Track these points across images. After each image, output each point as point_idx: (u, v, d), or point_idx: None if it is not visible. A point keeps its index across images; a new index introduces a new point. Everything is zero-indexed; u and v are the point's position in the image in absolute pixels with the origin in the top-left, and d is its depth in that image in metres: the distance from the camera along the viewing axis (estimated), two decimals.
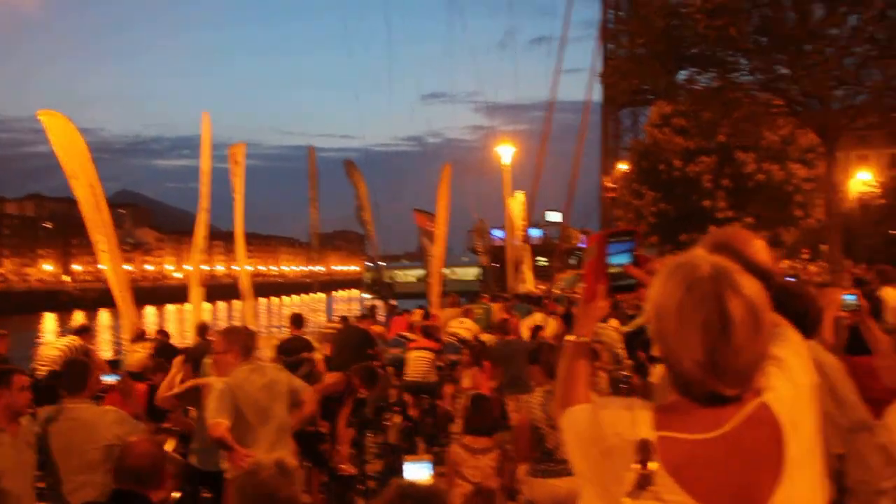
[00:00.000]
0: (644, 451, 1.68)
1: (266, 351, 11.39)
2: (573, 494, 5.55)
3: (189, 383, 6.81)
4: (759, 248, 2.37)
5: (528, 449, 5.75)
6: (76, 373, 5.53)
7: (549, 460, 5.63)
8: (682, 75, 13.79)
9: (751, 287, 1.73)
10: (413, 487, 2.45)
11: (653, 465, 1.66)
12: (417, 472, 4.59)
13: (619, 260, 2.19)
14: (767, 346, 1.75)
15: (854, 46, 12.39)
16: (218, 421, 5.42)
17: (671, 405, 1.78)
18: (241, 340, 5.99)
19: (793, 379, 1.85)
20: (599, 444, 1.78)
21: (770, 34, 12.50)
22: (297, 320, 11.38)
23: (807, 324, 3.53)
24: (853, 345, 5.36)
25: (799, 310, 3.47)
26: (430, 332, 11.73)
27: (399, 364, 11.42)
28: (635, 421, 1.74)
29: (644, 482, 1.67)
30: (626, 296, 2.21)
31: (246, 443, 5.58)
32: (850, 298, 4.91)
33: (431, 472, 4.65)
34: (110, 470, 4.35)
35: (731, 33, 11.69)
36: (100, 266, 14.27)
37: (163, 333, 12.86)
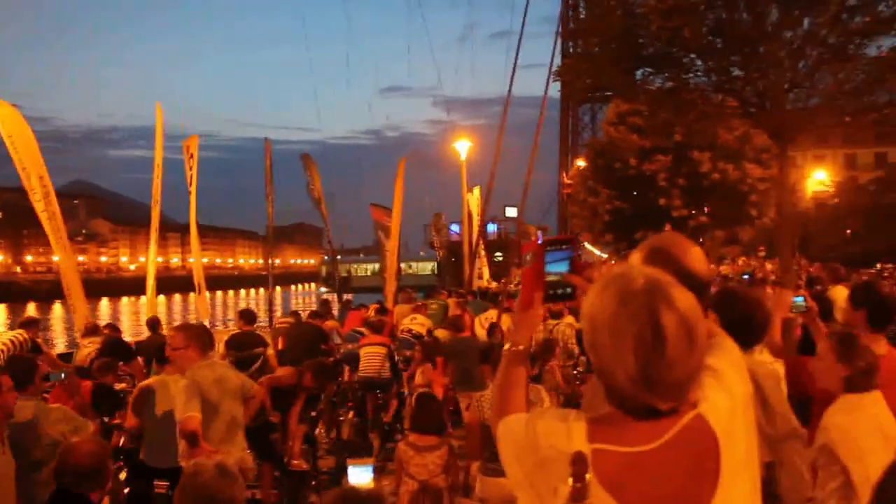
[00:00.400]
0: (578, 463, 1.67)
1: (218, 346, 11.28)
2: None
3: (140, 386, 6.79)
4: (695, 257, 2.33)
5: (479, 447, 5.78)
6: (21, 370, 5.44)
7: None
8: (639, 75, 13.88)
9: (685, 301, 1.72)
10: (354, 492, 2.46)
11: (587, 478, 1.66)
12: (360, 475, 4.60)
13: (556, 268, 2.19)
14: (702, 359, 1.74)
15: (808, 49, 12.53)
16: (192, 415, 5.44)
17: (606, 417, 1.78)
18: (201, 338, 6.00)
19: (729, 389, 1.85)
20: (534, 456, 1.78)
21: (724, 35, 12.62)
22: (248, 315, 11.20)
23: (752, 329, 3.58)
24: (806, 345, 5.46)
25: (744, 315, 3.51)
26: (376, 328, 11.70)
27: (354, 360, 11.37)
28: (570, 433, 1.74)
29: (578, 495, 1.66)
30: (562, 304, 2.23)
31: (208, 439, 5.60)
32: (798, 300, 4.99)
33: (372, 476, 4.66)
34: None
35: (685, 34, 11.79)
36: (54, 258, 14.07)
37: (112, 328, 12.60)
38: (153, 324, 12.65)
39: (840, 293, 9.70)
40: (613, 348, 1.69)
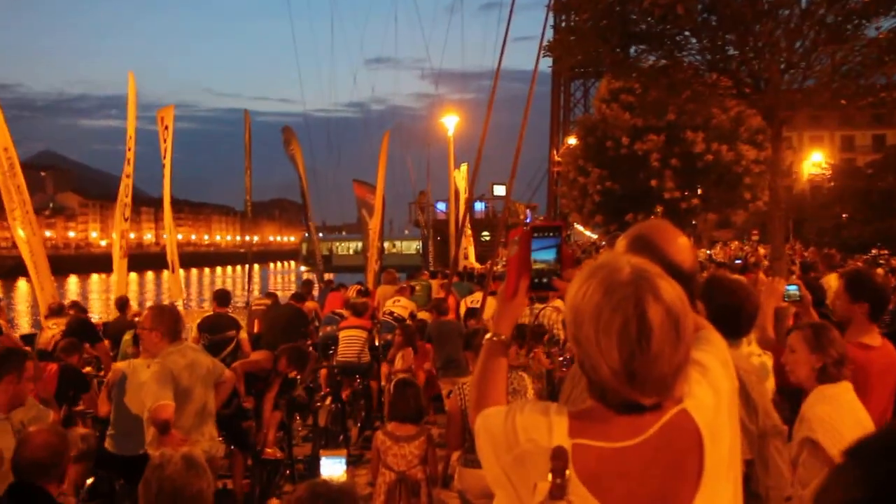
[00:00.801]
0: (559, 458, 1.66)
1: (191, 328, 11.20)
2: None
3: (114, 369, 6.77)
4: (681, 247, 2.33)
5: (459, 436, 5.77)
6: None
7: None
8: (632, 52, 13.84)
9: (672, 292, 1.70)
10: (325, 486, 2.47)
11: (567, 474, 1.65)
12: (332, 467, 4.61)
13: (543, 256, 2.17)
14: (688, 353, 1.72)
15: (805, 29, 12.51)
16: (164, 403, 5.45)
17: (588, 411, 1.77)
18: (168, 322, 5.95)
19: (714, 385, 1.84)
20: (513, 450, 1.76)
21: (719, 13, 12.60)
22: (222, 297, 11.07)
23: (740, 320, 3.58)
24: None
25: (732, 305, 3.52)
26: (359, 310, 11.60)
27: (334, 343, 11.29)
28: (551, 427, 1.72)
29: (558, 491, 1.65)
30: (546, 293, 2.23)
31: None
32: (792, 289, 5.00)
33: (346, 468, 4.67)
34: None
35: (679, 11, 11.75)
36: (20, 233, 13.82)
37: (77, 307, 12.48)
38: (122, 304, 12.54)
39: (833, 281, 9.73)
40: (597, 341, 1.68)
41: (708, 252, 41.83)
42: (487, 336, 2.22)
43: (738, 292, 3.63)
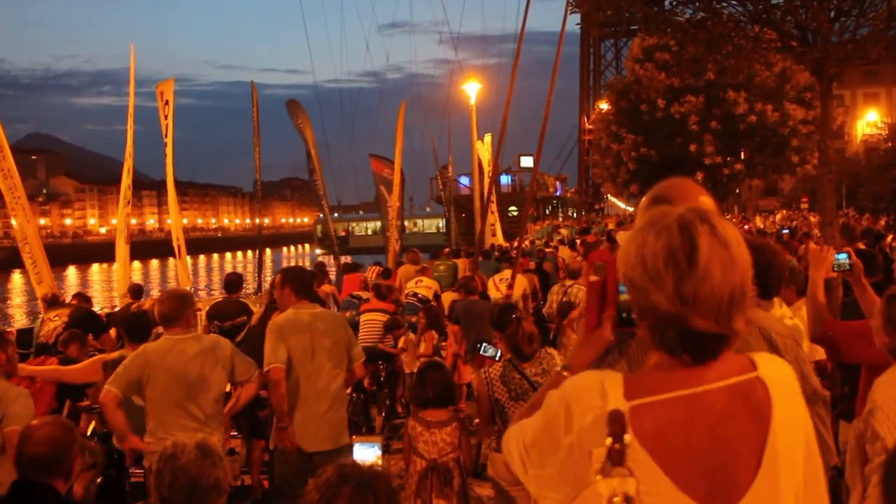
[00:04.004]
0: (616, 422, 1.67)
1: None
2: None
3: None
4: (703, 205, 2.32)
5: (489, 421, 5.80)
6: None
7: None
8: (666, 5, 13.68)
9: (720, 220, 1.77)
10: (356, 468, 2.47)
11: (627, 439, 1.66)
12: (366, 453, 4.65)
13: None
14: (744, 283, 1.75)
15: None
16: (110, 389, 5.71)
17: (646, 371, 1.82)
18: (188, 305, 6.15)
19: (788, 373, 1.87)
20: (568, 425, 1.76)
21: None
22: (232, 282, 11.16)
23: (769, 280, 3.63)
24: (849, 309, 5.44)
25: (760, 265, 3.52)
26: (382, 293, 11.61)
27: (353, 327, 11.32)
28: (605, 391, 1.73)
29: (616, 457, 1.66)
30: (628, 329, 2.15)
31: (170, 419, 5.69)
32: (842, 258, 4.95)
33: (380, 454, 4.70)
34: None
35: None
36: (12, 222, 13.87)
37: (81, 297, 12.57)
38: (136, 292, 12.68)
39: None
40: (645, 271, 1.74)
41: (751, 225, 41.54)
42: (557, 369, 2.21)
43: (765, 251, 3.70)
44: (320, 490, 2.22)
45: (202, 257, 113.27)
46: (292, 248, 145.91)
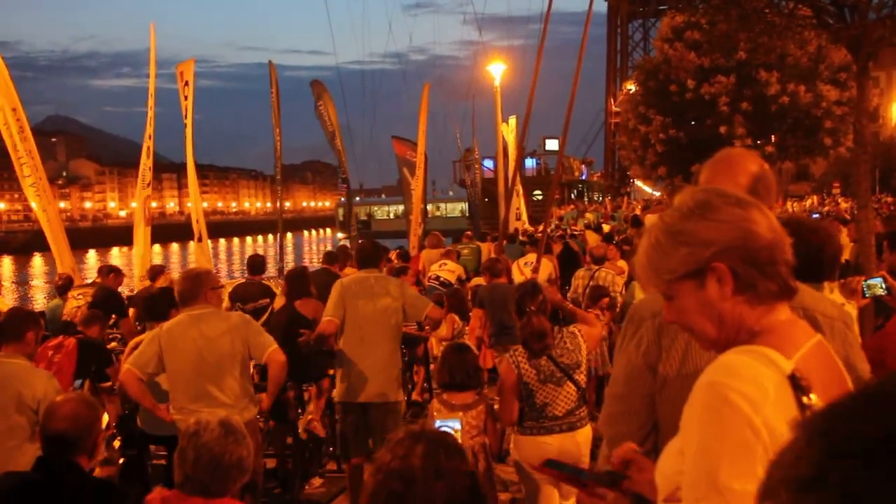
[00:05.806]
0: (798, 385, 1.66)
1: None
2: (564, 452, 5.60)
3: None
4: (751, 175, 2.50)
5: (512, 408, 5.77)
6: (14, 321, 5.53)
7: (539, 417, 5.68)
8: None
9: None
10: (426, 430, 2.49)
11: (813, 398, 1.65)
12: (446, 426, 4.92)
13: None
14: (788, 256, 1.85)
15: None
16: (129, 369, 5.95)
17: (768, 334, 1.82)
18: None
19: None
20: (764, 410, 1.63)
21: None
22: (255, 264, 11.23)
23: (823, 262, 3.55)
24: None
25: (814, 245, 3.47)
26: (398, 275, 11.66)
27: None
28: (771, 361, 1.70)
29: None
30: None
31: (193, 396, 5.74)
32: (875, 282, 4.78)
33: (459, 427, 4.95)
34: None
35: None
36: (32, 205, 13.93)
37: (109, 271, 12.41)
38: (154, 273, 12.75)
39: None
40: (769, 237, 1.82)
41: (782, 207, 41.30)
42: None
43: (819, 232, 3.62)
44: (393, 451, 2.25)
45: (223, 241, 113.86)
46: (313, 231, 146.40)
